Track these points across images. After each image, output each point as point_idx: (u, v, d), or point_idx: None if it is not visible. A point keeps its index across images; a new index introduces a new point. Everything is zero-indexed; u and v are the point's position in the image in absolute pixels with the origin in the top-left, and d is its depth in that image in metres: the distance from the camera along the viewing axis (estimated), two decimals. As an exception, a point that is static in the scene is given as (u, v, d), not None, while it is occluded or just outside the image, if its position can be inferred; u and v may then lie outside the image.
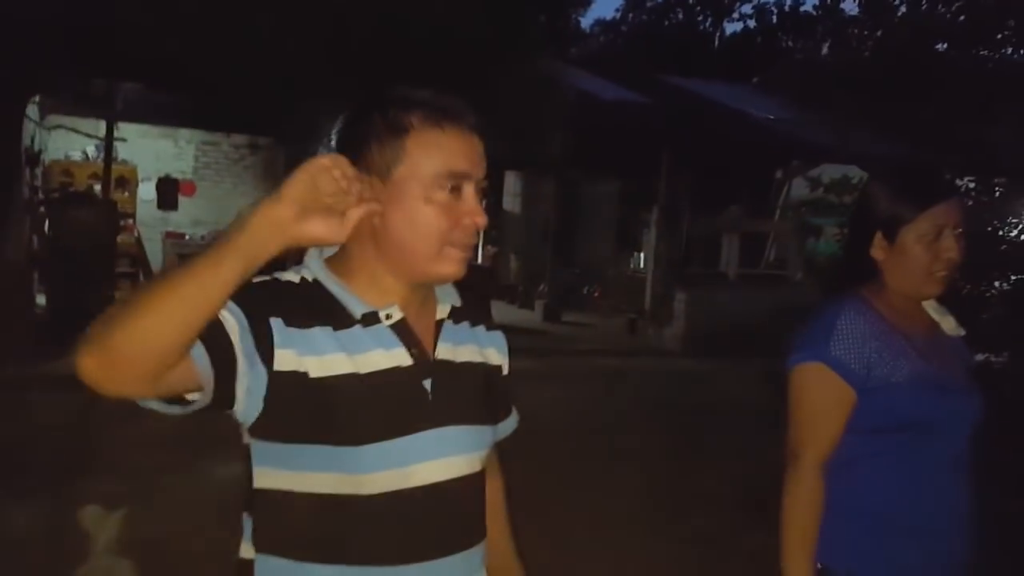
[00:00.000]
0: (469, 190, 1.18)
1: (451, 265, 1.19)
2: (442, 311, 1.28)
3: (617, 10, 27.69)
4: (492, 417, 1.32)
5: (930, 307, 1.77)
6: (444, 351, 1.25)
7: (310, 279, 1.21)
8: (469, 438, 1.25)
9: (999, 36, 6.41)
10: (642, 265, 13.34)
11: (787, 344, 1.74)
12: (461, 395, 1.25)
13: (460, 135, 1.17)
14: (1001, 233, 5.53)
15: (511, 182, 13.44)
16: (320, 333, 1.15)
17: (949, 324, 1.77)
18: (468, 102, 1.22)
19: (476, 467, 1.26)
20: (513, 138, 9.02)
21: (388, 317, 1.20)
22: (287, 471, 1.16)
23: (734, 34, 25.30)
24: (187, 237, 11.71)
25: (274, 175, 13.23)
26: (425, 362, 1.22)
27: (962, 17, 6.55)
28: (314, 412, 1.13)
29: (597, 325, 11.92)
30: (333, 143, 1.21)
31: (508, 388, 1.40)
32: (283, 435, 1.15)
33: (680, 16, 25.29)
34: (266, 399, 1.12)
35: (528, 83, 7.48)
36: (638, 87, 12.19)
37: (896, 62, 6.31)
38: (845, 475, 1.66)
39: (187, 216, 12.27)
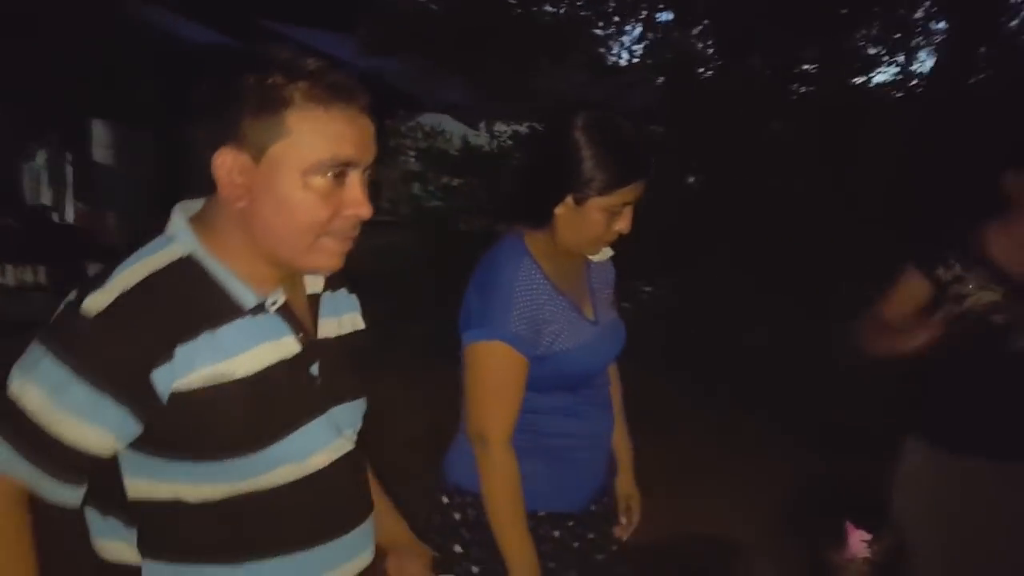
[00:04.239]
0: (354, 177, 1.07)
1: (326, 258, 1.09)
2: (315, 284, 1.20)
3: (215, -51, 26.02)
4: (365, 387, 1.27)
5: None
6: (325, 327, 1.19)
7: (184, 255, 1.08)
8: (351, 414, 1.22)
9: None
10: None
11: (461, 315, 1.69)
12: (343, 372, 1.20)
13: (348, 117, 1.05)
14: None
15: (100, 132, 12.20)
16: (206, 340, 1.04)
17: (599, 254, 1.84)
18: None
19: (354, 443, 1.22)
20: (93, 83, 8.18)
21: (273, 304, 1.10)
22: (174, 482, 1.06)
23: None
24: None
25: None
26: (311, 345, 1.14)
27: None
28: (201, 428, 1.04)
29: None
30: (198, 116, 1.07)
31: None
32: (166, 451, 1.04)
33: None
34: (146, 424, 1.02)
35: (100, 22, 6.76)
36: (236, 32, 11.70)
37: (469, 15, 6.91)
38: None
39: None
